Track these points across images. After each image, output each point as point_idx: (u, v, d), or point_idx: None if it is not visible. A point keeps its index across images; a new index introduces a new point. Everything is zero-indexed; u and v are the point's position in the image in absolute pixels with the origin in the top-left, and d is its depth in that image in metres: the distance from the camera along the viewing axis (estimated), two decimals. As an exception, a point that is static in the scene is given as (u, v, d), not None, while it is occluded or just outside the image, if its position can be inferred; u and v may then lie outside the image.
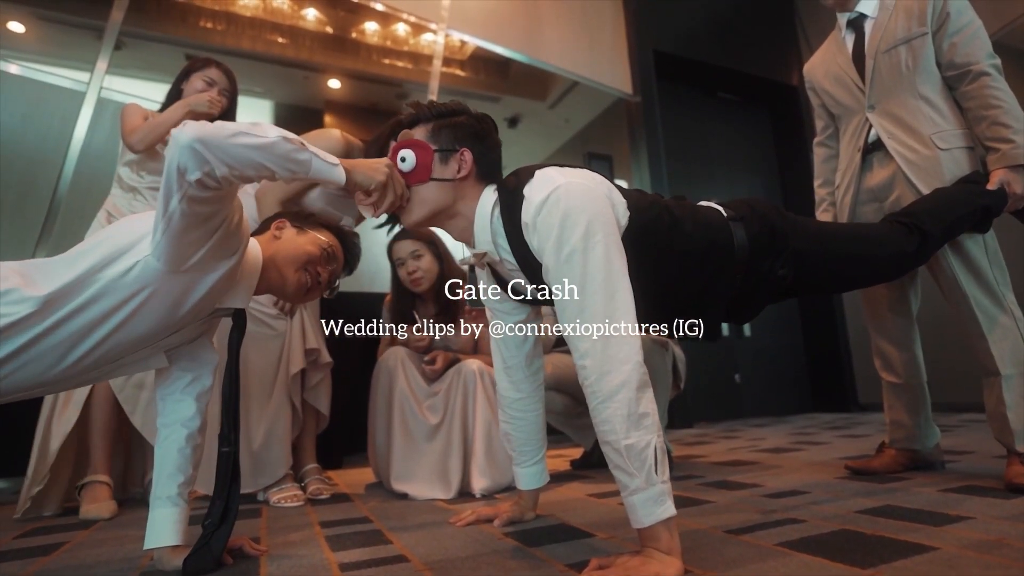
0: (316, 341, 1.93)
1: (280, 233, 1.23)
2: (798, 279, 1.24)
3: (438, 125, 1.16)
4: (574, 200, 0.99)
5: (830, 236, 1.35)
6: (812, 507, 1.31)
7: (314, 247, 1.22)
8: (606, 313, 0.95)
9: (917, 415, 1.70)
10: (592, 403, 0.95)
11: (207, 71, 1.96)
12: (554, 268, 0.99)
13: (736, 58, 4.65)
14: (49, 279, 0.92)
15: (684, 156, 4.42)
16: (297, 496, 1.73)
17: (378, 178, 1.06)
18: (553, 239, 0.98)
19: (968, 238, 1.52)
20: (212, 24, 3.60)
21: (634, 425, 0.91)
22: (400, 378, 1.91)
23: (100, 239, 0.98)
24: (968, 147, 1.57)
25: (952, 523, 1.10)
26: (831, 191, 1.87)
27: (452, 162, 1.14)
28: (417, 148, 1.13)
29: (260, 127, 0.92)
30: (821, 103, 1.88)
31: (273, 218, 1.29)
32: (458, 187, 1.14)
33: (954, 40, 1.57)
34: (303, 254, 1.20)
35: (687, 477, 1.83)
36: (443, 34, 3.77)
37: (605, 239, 0.98)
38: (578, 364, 0.97)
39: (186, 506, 1.12)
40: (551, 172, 1.07)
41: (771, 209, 1.26)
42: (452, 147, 1.14)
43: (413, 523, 1.40)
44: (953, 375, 3.25)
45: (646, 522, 0.90)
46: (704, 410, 4.07)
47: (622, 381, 0.92)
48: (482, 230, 1.15)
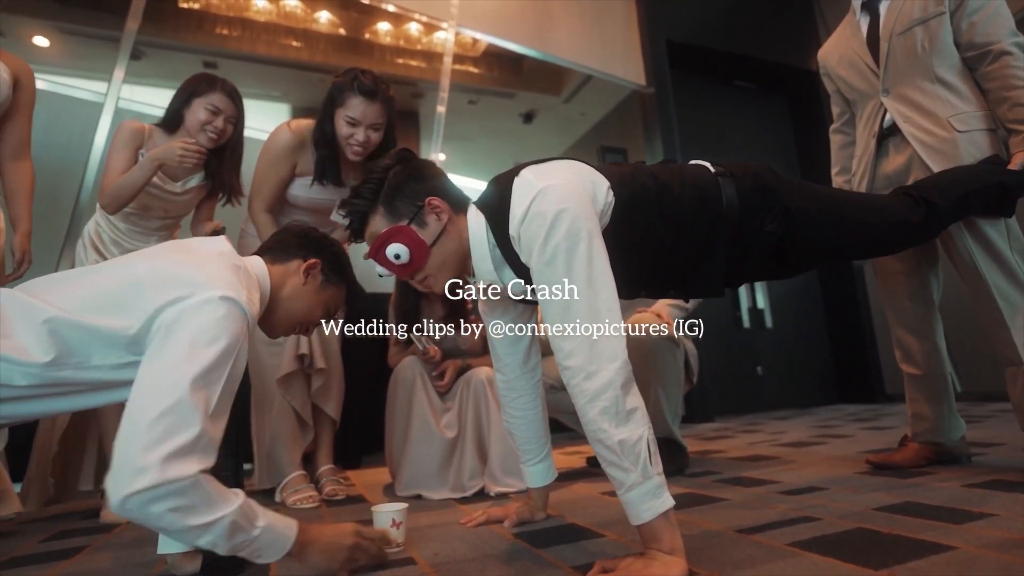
0: (307, 347, 1.90)
1: (307, 277, 1.20)
2: (791, 239, 1.21)
3: (387, 202, 1.09)
4: (553, 203, 0.98)
5: (827, 198, 1.32)
6: (828, 504, 1.28)
7: (321, 311, 1.22)
8: (590, 313, 0.95)
9: (940, 407, 1.65)
10: (579, 403, 0.95)
11: (210, 97, 1.83)
12: (538, 270, 0.99)
13: (752, 44, 4.56)
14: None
15: (700, 147, 4.35)
16: (312, 498, 1.75)
17: (340, 557, 0.99)
18: (538, 244, 0.98)
19: (988, 223, 1.47)
20: (228, 30, 3.66)
21: (623, 420, 0.91)
22: (417, 392, 1.90)
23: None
24: (989, 129, 1.51)
25: (973, 520, 1.06)
26: (848, 179, 1.82)
27: (428, 217, 1.09)
28: (396, 236, 1.07)
29: (213, 506, 0.81)
30: (836, 89, 1.84)
31: (304, 249, 1.22)
32: (451, 227, 1.11)
33: (973, 19, 1.52)
34: (309, 318, 1.21)
35: (704, 473, 1.81)
36: (453, 32, 3.76)
37: (588, 238, 0.97)
38: (562, 365, 0.96)
39: None
40: (528, 176, 1.05)
41: (764, 168, 1.24)
42: (416, 205, 1.09)
43: (424, 523, 1.41)
44: (983, 363, 3.17)
45: (646, 517, 0.89)
46: (725, 404, 4.02)
47: (608, 380, 0.92)
48: (482, 259, 1.12)
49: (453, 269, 1.13)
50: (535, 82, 4.55)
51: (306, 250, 1.23)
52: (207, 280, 0.93)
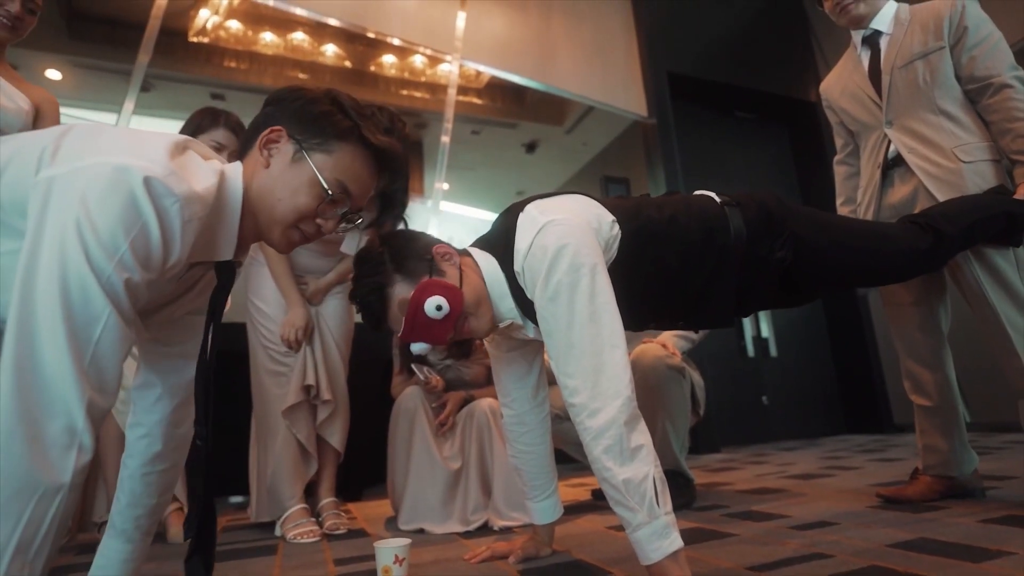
0: (314, 377, 1.88)
1: (270, 154, 0.87)
2: (799, 266, 1.21)
3: (400, 268, 1.05)
4: (555, 238, 0.98)
5: (834, 225, 1.32)
6: (841, 540, 1.25)
7: (309, 198, 0.86)
8: (593, 349, 0.94)
9: (952, 439, 1.62)
10: (584, 440, 0.94)
11: (213, 133, 1.78)
12: (541, 305, 0.99)
13: (752, 76, 4.62)
14: None
15: (702, 176, 4.38)
16: (313, 532, 1.72)
17: None
18: (540, 279, 0.98)
19: (996, 252, 1.46)
20: (236, 63, 3.73)
21: (628, 458, 0.90)
22: (419, 423, 1.87)
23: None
24: (993, 160, 1.52)
25: (992, 559, 1.04)
26: (853, 209, 1.83)
27: (443, 265, 1.07)
28: (428, 291, 1.02)
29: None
30: (839, 121, 1.85)
31: (266, 118, 0.90)
32: (465, 266, 1.10)
33: (973, 53, 1.54)
34: (291, 211, 0.87)
35: (711, 507, 1.77)
36: (457, 64, 3.83)
37: (591, 272, 0.97)
38: (568, 402, 0.96)
39: (142, 543, 0.98)
40: (532, 212, 1.06)
41: (769, 195, 1.24)
42: (426, 260, 1.06)
43: (426, 559, 1.38)
44: (992, 393, 3.13)
45: (654, 558, 0.88)
46: (731, 434, 3.96)
47: (611, 418, 0.91)
48: (501, 298, 1.10)
49: (487, 305, 1.10)
50: (538, 113, 4.61)
51: (270, 119, 0.89)
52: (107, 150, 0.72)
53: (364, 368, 2.41)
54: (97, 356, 0.68)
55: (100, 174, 0.69)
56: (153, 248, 0.72)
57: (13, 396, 0.62)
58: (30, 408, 0.63)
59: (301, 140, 0.87)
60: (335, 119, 0.88)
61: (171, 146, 0.77)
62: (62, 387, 0.65)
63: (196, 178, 0.77)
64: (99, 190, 0.68)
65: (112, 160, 0.70)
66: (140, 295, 0.73)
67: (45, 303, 0.65)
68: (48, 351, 0.65)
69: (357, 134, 0.88)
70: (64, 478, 0.64)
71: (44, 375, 0.64)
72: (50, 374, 0.64)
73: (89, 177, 0.69)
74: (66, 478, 0.64)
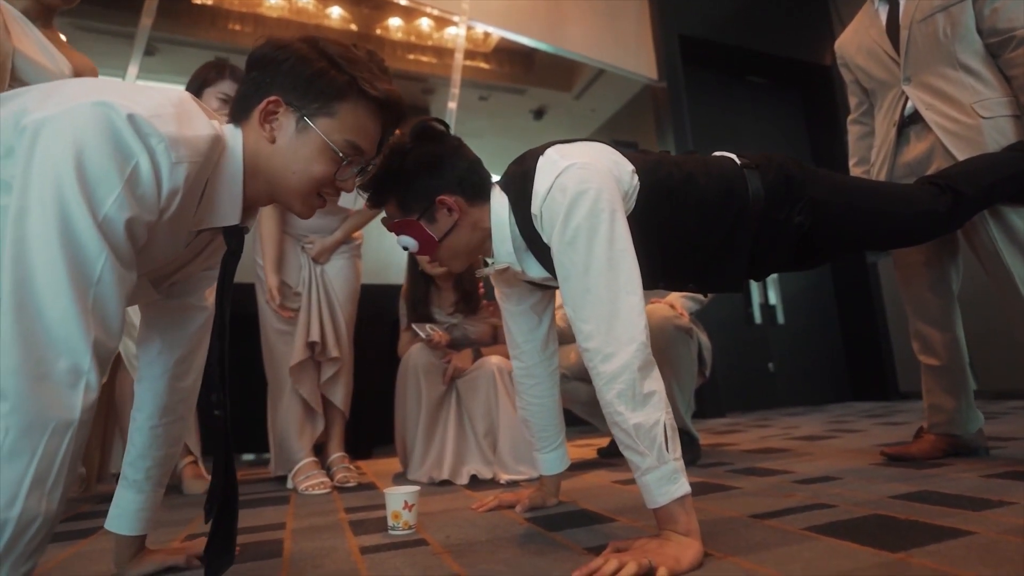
0: (319, 334, 1.90)
1: (273, 128, 0.84)
2: (817, 230, 1.20)
3: (400, 193, 1.10)
4: (576, 182, 0.97)
5: (852, 188, 1.30)
6: (844, 493, 1.26)
7: (324, 165, 0.84)
8: (609, 294, 0.94)
9: (958, 399, 1.62)
10: (597, 384, 0.95)
11: (221, 85, 1.77)
12: (558, 249, 0.98)
13: (765, 40, 4.52)
14: None
15: (712, 142, 4.28)
16: (324, 484, 1.76)
17: None
18: (559, 223, 0.97)
19: (1013, 211, 1.44)
20: (240, 26, 3.67)
21: (640, 404, 0.90)
22: (426, 380, 1.90)
23: None
24: (1014, 115, 1.48)
25: (993, 508, 1.05)
26: (866, 169, 1.80)
27: (439, 214, 1.09)
28: (405, 229, 1.10)
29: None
30: (854, 79, 1.81)
31: (258, 87, 0.84)
32: (464, 221, 1.11)
33: (996, 5, 1.49)
34: (308, 182, 0.85)
35: (715, 464, 1.79)
36: (464, 26, 3.76)
37: (610, 218, 0.96)
38: (582, 346, 0.96)
39: (153, 493, 0.99)
40: (552, 155, 1.05)
41: (788, 159, 1.22)
42: (427, 203, 1.08)
43: (435, 508, 1.41)
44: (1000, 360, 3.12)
45: (661, 501, 0.89)
46: (737, 400, 3.99)
47: (625, 363, 0.91)
48: (501, 241, 1.12)
49: (465, 258, 1.16)
50: (546, 78, 4.54)
51: (261, 87, 0.84)
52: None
53: (371, 325, 2.42)
54: (99, 296, 0.68)
55: (87, 113, 0.68)
56: (147, 187, 0.71)
57: (16, 339, 0.62)
58: (35, 349, 0.63)
59: (301, 108, 0.83)
60: (330, 77, 0.83)
61: (166, 96, 0.76)
62: (66, 328, 0.65)
63: (188, 125, 0.75)
64: (90, 129, 0.67)
65: (93, 96, 0.69)
66: (139, 235, 0.72)
67: (42, 245, 0.64)
68: (49, 293, 0.64)
69: (356, 89, 0.84)
70: (73, 415, 0.65)
71: (47, 316, 0.64)
72: (53, 316, 0.64)
73: (76, 116, 0.68)
74: (75, 415, 0.65)
